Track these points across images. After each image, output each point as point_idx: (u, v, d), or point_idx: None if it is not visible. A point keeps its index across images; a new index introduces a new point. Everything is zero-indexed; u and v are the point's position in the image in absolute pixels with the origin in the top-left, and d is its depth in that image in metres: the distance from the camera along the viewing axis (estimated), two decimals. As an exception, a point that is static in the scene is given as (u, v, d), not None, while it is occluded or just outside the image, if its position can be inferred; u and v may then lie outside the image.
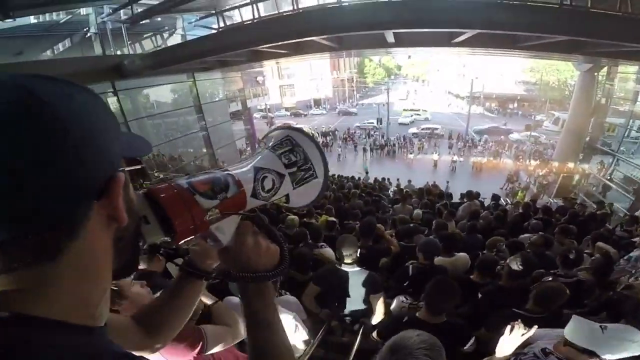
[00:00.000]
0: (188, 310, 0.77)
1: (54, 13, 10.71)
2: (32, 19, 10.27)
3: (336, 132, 28.14)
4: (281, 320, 0.65)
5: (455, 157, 20.62)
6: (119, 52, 11.58)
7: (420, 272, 2.65)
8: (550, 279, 2.38)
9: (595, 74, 14.42)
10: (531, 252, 3.04)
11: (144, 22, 11.05)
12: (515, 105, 38.41)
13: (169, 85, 14.08)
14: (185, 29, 14.25)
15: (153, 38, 14.17)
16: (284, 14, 9.29)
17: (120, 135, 0.42)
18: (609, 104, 14.61)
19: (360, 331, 2.34)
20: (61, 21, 11.04)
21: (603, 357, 1.21)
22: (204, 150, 15.44)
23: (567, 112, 17.74)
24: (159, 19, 13.15)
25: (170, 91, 14.71)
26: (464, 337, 1.86)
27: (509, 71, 38.53)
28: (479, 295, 2.40)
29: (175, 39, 14.08)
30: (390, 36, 8.13)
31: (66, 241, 0.34)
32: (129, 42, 12.03)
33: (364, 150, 23.47)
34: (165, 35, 14.57)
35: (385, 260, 3.22)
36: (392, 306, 2.40)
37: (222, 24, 10.11)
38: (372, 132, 27.59)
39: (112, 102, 11.15)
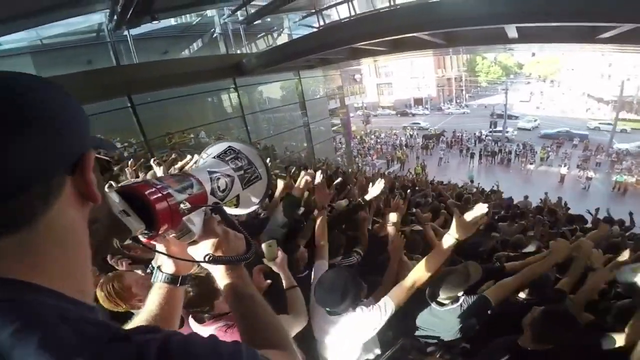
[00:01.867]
0: (172, 317, 0.74)
1: (188, 15, 12.56)
2: (172, 21, 12.07)
3: (444, 134, 26.11)
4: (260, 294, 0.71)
5: (591, 173, 16.62)
6: (238, 52, 13.08)
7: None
8: None
9: None
10: None
11: (257, 22, 12.12)
12: None
13: (278, 82, 15.35)
14: (290, 28, 15.22)
15: (265, 38, 15.55)
16: (381, 10, 8.90)
17: (89, 130, 0.46)
18: None
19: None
20: (193, 23, 12.90)
21: None
22: (305, 144, 16.32)
23: None
24: (269, 19, 14.29)
25: (279, 88, 16.01)
26: None
27: None
28: None
29: (283, 39, 15.16)
30: (512, 30, 6.73)
31: (41, 207, 0.38)
32: (246, 42, 13.48)
33: (472, 155, 21.00)
34: (275, 35, 15.79)
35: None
36: None
37: (321, 22, 10.38)
38: (483, 137, 24.56)
39: (233, 97, 12.81)
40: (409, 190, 6.09)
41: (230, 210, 0.88)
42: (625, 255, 2.37)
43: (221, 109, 13.63)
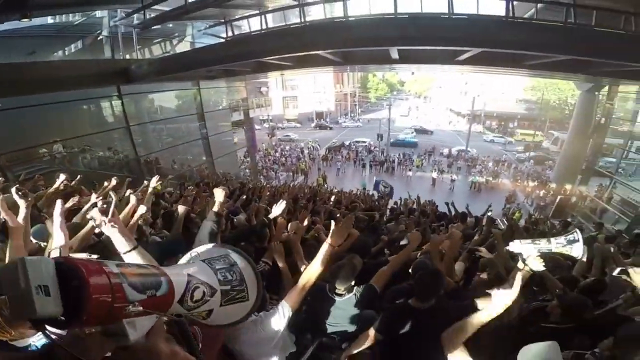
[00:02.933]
0: None
1: (69, 14, 10.87)
2: (49, 19, 10.44)
3: (343, 147, 28.32)
4: None
5: (454, 176, 20.60)
6: (127, 57, 11.77)
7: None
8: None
9: (596, 93, 14.55)
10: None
11: (154, 27, 11.23)
12: (516, 124, 38.73)
13: (173, 91, 14.29)
14: (194, 36, 14.51)
15: (162, 44, 14.40)
16: (291, 26, 9.45)
17: None
18: (608, 124, 14.51)
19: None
20: (75, 23, 11.21)
21: None
22: (204, 158, 15.48)
23: (567, 132, 17.85)
24: (170, 25, 13.39)
25: (174, 97, 14.92)
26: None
27: (510, 89, 38.81)
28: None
29: (184, 46, 14.33)
30: (394, 53, 8.28)
31: None
32: (138, 47, 12.23)
33: (363, 166, 23.67)
34: (174, 41, 14.81)
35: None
36: None
37: (230, 33, 10.32)
38: (372, 148, 27.77)
39: (116, 105, 11.33)
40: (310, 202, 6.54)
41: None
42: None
43: (100, 118, 11.90)
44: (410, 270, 2.76)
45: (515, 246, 2.15)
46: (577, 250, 2.04)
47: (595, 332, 2.00)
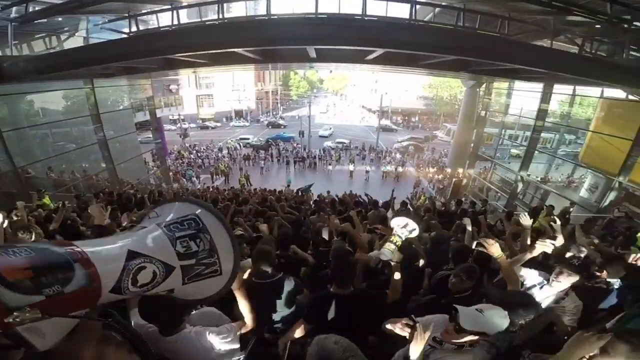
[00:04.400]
0: None
1: None
2: None
3: (271, 145, 27.84)
4: None
5: (368, 168, 22.47)
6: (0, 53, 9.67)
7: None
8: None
9: (478, 89, 17.08)
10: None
11: (38, 21, 9.41)
12: (417, 118, 43.79)
13: (60, 92, 12.22)
14: (89, 31, 12.55)
15: (46, 39, 12.11)
16: (205, 22, 8.98)
17: None
18: (487, 116, 17.47)
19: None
20: None
21: (491, 334, 1.51)
22: (103, 165, 13.47)
23: (456, 124, 20.60)
24: (60, 19, 11.36)
25: (62, 98, 12.76)
26: (374, 304, 2.20)
27: (412, 87, 43.92)
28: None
29: (75, 42, 12.26)
30: (312, 51, 8.56)
31: None
32: (14, 43, 10.06)
33: (287, 163, 23.91)
34: (63, 36, 12.58)
35: (305, 269, 3.39)
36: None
37: (135, 29, 9.27)
38: (294, 145, 28.17)
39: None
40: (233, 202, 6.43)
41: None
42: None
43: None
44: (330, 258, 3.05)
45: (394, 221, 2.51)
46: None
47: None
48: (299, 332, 2.32)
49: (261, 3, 8.71)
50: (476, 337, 1.52)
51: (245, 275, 2.12)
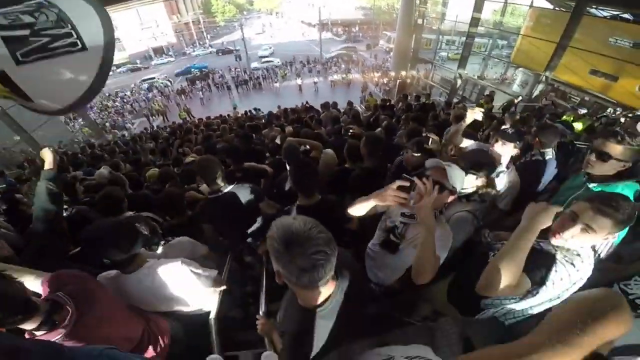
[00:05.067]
0: None
1: None
2: None
3: (209, 74, 25.68)
4: None
5: (316, 79, 22.17)
6: None
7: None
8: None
9: None
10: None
11: None
12: (357, 29, 42.30)
13: None
14: None
15: None
16: None
17: None
18: (424, 24, 18.32)
19: (264, 257, 2.35)
20: None
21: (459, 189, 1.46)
22: (16, 138, 11.14)
23: (395, 31, 20.85)
24: None
25: None
26: (341, 211, 1.87)
27: None
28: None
29: None
30: None
31: None
32: None
33: (229, 88, 22.49)
34: None
35: (265, 180, 3.28)
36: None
37: None
38: (232, 69, 26.09)
39: None
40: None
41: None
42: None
43: None
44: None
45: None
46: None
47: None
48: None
49: None
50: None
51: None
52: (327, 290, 1.01)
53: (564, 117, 5.80)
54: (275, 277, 0.95)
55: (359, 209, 1.52)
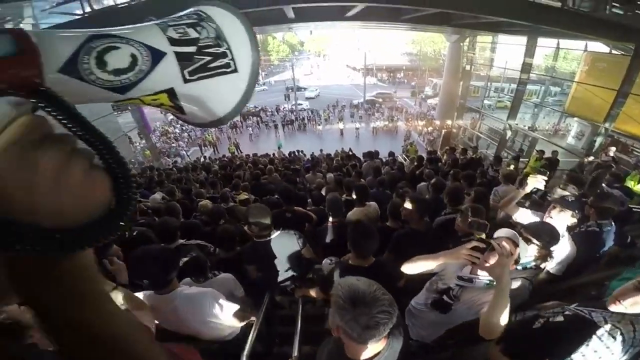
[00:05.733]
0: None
1: None
2: None
3: (261, 111, 26.84)
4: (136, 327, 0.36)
5: (358, 125, 22.31)
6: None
7: (336, 229, 2.86)
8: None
9: (461, 44, 17.11)
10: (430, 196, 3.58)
11: None
12: (402, 74, 43.11)
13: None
14: (36, 17, 11.41)
15: None
16: None
17: None
18: (472, 70, 17.78)
19: (300, 300, 2.45)
20: None
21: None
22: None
23: (442, 78, 20.65)
24: None
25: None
26: (394, 274, 1.95)
27: (396, 44, 43.19)
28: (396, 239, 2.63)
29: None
30: (290, 11, 8.20)
31: None
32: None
33: (276, 127, 23.46)
34: (9, 26, 11.42)
35: (309, 226, 3.37)
36: (322, 266, 2.55)
37: (89, 9, 8.51)
38: (280, 108, 27.41)
39: None
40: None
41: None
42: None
43: None
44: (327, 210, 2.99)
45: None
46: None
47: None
48: (313, 292, 2.29)
49: None
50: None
51: None
52: (379, 346, 1.11)
53: (628, 179, 5.18)
54: (332, 330, 1.09)
55: (417, 268, 1.67)
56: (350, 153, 8.16)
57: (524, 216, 2.52)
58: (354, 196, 3.40)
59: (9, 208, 0.26)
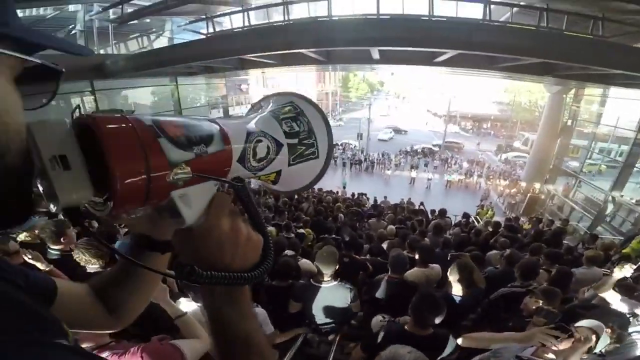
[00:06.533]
0: (150, 288, 0.64)
1: (41, 8, 10.52)
2: (18, 13, 10.00)
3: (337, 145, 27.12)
4: (263, 332, 0.50)
5: (431, 175, 21.05)
6: (102, 51, 11.41)
7: (392, 286, 2.75)
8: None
9: (564, 95, 15.16)
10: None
11: (131, 22, 10.94)
12: (489, 125, 40.09)
13: (149, 87, 13.88)
14: (173, 31, 14.13)
15: (139, 39, 13.97)
16: (274, 24, 9.47)
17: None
18: (574, 126, 15.33)
19: (336, 341, 2.40)
20: (48, 16, 10.79)
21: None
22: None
23: (536, 133, 18.44)
24: (148, 20, 13.05)
25: (150, 94, 14.48)
26: (445, 346, 1.92)
27: (485, 91, 40.17)
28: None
29: (161, 42, 13.93)
30: (375, 53, 8.48)
31: None
32: (114, 42, 11.85)
33: (344, 164, 23.68)
34: (152, 37, 14.40)
35: (362, 274, 3.29)
36: (372, 323, 2.42)
37: (211, 30, 10.17)
38: (352, 147, 27.62)
39: (87, 101, 10.90)
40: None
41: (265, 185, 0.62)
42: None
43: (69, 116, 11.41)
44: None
45: None
46: None
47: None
48: (353, 351, 2.20)
49: (320, 4, 8.90)
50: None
51: None
52: None
53: None
54: None
55: (478, 343, 1.64)
56: (420, 207, 7.74)
57: (611, 297, 2.31)
58: (417, 255, 3.23)
59: (220, 256, 0.42)
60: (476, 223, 8.19)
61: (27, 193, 0.34)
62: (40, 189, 0.34)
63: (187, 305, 1.67)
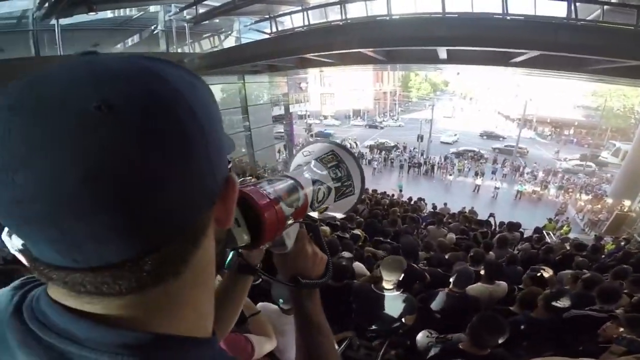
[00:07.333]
0: (240, 305, 0.78)
1: (127, 9, 11.85)
2: (109, 14, 11.36)
3: (397, 146, 27.10)
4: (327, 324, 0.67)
5: (498, 184, 19.14)
6: (179, 50, 12.57)
7: (451, 299, 2.65)
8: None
9: None
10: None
11: (203, 22, 11.87)
12: (572, 131, 35.34)
13: (219, 85, 15.04)
14: (240, 31, 15.06)
15: (211, 39, 15.15)
16: (332, 23, 9.58)
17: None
18: None
19: (383, 349, 2.39)
20: (133, 17, 12.19)
21: None
22: (244, 150, 16.04)
23: (630, 143, 16.35)
24: (217, 20, 14.08)
25: (220, 91, 15.65)
26: None
27: (568, 94, 34.90)
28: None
29: (230, 41, 14.94)
30: (442, 52, 8.06)
31: (192, 251, 0.31)
32: (190, 41, 13.02)
33: (401, 167, 22.92)
34: (222, 36, 15.51)
35: (418, 284, 3.21)
36: (418, 339, 2.38)
37: (274, 29, 10.62)
38: (411, 149, 26.32)
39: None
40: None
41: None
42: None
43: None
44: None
45: None
46: None
47: None
48: None
49: (377, 3, 8.73)
50: None
51: None
52: None
53: None
54: None
55: None
56: (491, 219, 7.13)
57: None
58: (482, 270, 3.06)
59: (306, 270, 0.64)
60: (548, 238, 7.39)
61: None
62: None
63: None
